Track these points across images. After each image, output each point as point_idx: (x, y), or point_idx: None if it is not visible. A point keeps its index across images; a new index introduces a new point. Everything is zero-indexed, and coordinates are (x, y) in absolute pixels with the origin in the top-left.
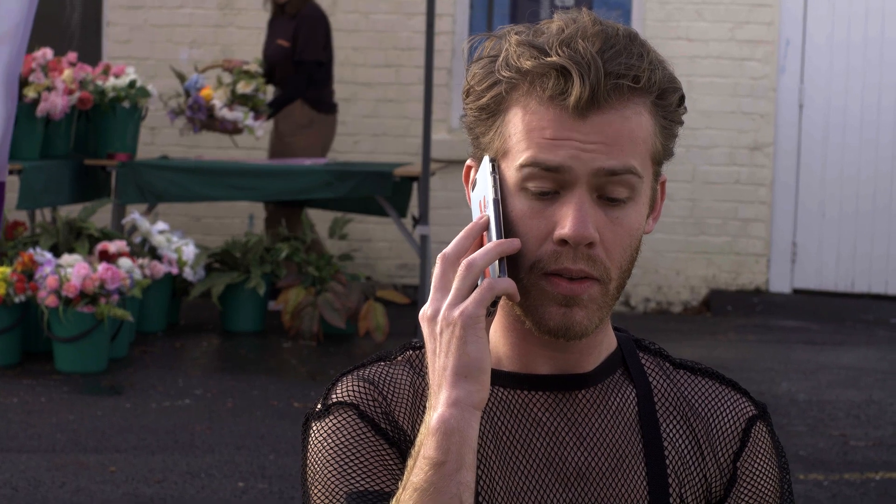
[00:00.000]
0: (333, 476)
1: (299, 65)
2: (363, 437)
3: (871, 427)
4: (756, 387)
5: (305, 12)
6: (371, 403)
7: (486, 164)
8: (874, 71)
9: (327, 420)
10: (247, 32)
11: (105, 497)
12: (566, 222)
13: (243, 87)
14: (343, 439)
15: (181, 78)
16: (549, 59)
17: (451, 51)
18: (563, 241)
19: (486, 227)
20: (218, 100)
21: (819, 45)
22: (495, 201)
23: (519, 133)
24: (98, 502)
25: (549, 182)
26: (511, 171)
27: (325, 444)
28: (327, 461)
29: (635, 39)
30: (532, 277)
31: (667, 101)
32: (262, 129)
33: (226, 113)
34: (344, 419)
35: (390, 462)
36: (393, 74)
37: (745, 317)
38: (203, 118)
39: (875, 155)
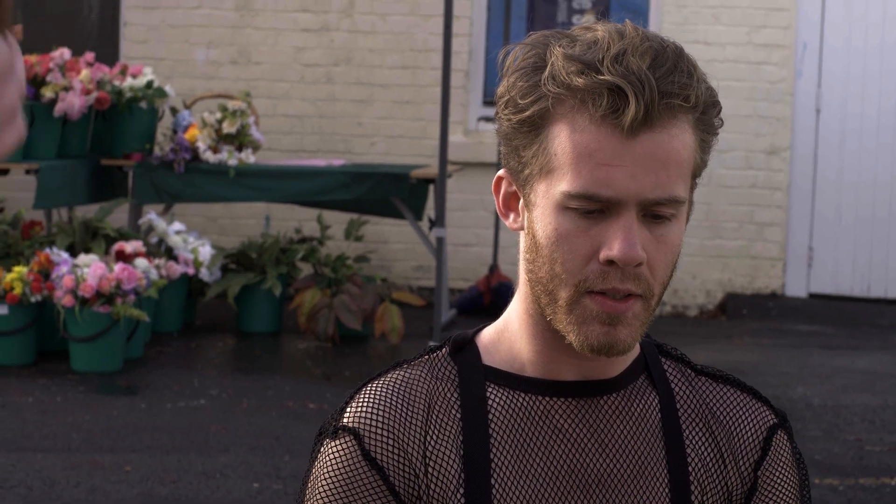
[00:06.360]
0: None
1: None
2: (359, 476)
3: (886, 432)
4: (771, 391)
5: None
6: (377, 432)
7: None
8: (891, 76)
9: (333, 445)
10: (264, 33)
11: (120, 497)
12: (614, 244)
13: (228, 127)
14: (340, 476)
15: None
16: (601, 77)
17: (468, 53)
18: (610, 261)
19: None
20: (202, 142)
21: (836, 49)
22: None
23: (567, 154)
24: (113, 502)
25: (596, 203)
26: (555, 191)
27: (326, 473)
28: (323, 495)
29: (682, 55)
30: (575, 295)
31: (709, 115)
32: (252, 155)
33: (209, 156)
34: (345, 451)
35: (381, 502)
36: (409, 76)
37: (760, 321)
38: (188, 158)
39: (891, 160)
